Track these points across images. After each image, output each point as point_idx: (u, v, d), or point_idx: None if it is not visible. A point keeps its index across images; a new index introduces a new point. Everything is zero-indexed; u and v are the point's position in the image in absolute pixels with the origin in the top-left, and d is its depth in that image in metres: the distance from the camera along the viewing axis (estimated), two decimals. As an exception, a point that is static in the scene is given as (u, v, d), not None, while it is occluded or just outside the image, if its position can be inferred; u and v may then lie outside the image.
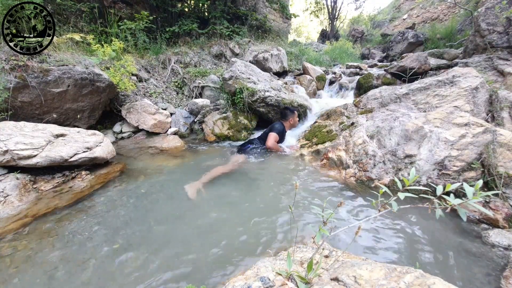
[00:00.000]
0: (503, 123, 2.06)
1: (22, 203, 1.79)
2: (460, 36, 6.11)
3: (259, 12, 6.99)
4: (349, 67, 5.74)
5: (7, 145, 1.90)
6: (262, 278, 0.84)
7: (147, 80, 4.28)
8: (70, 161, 2.13)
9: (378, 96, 2.85)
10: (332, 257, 1.05)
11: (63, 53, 2.92)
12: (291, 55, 6.22)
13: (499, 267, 1.24)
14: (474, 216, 1.64)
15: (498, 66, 3.04)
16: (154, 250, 1.37)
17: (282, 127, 2.95)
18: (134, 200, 1.89)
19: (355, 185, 2.07)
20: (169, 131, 3.56)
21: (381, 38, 9.71)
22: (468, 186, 0.62)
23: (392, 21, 11.88)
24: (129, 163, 2.60)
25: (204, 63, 5.16)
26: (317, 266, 0.82)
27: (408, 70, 3.67)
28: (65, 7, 4.29)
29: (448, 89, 2.36)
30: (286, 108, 3.17)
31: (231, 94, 3.59)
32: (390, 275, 0.72)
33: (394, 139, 2.15)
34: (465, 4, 7.21)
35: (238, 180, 2.26)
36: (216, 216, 1.70)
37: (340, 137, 2.57)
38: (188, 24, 5.41)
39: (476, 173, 1.77)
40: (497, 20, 3.26)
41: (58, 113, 2.89)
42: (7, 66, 2.44)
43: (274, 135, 2.81)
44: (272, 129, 2.90)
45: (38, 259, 1.31)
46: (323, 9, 13.35)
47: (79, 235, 1.50)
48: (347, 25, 14.50)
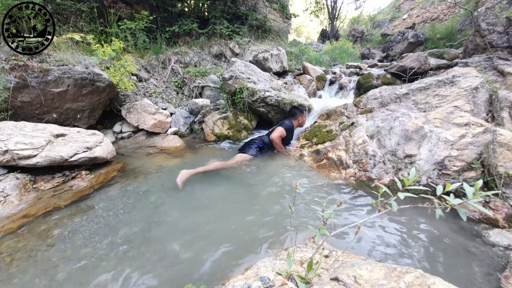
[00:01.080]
0: (503, 123, 2.06)
1: (22, 203, 1.79)
2: (460, 36, 6.12)
3: (259, 12, 6.99)
4: (349, 67, 5.73)
5: (7, 145, 1.90)
6: (262, 278, 0.84)
7: (147, 80, 4.28)
8: (70, 161, 2.13)
9: (378, 96, 2.85)
10: (332, 257, 1.05)
11: (63, 53, 2.92)
12: (291, 55, 6.21)
13: (499, 267, 1.25)
14: (474, 216, 1.64)
15: (498, 66, 3.04)
16: (154, 250, 1.37)
17: (291, 125, 2.98)
18: (134, 200, 1.89)
19: (355, 185, 2.07)
20: (169, 131, 3.56)
21: (381, 38, 9.71)
22: (468, 186, 0.62)
23: (392, 21, 11.88)
24: (129, 163, 2.60)
25: (204, 63, 5.16)
26: (317, 266, 0.82)
27: (408, 70, 3.67)
28: (65, 7, 4.29)
29: (448, 89, 2.36)
30: (295, 108, 3.18)
31: (231, 94, 3.59)
32: (390, 275, 0.72)
33: (394, 139, 2.15)
34: (465, 4, 7.21)
35: (237, 179, 2.26)
36: (216, 216, 1.70)
37: (340, 137, 2.57)
38: (188, 24, 5.41)
39: (476, 173, 1.77)
40: (497, 20, 3.26)
41: (58, 113, 2.89)
42: (7, 66, 2.43)
43: (281, 130, 2.82)
44: (281, 124, 2.92)
45: (38, 259, 1.31)
46: (323, 9, 13.35)
47: (79, 235, 1.50)
48: (347, 25, 14.51)
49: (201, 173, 2.24)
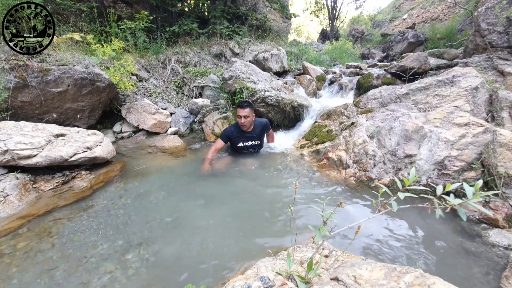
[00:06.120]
0: (503, 123, 2.06)
1: (22, 203, 1.79)
2: (460, 36, 6.11)
3: (259, 12, 6.99)
4: (349, 67, 5.73)
5: (7, 145, 1.90)
6: (262, 278, 0.84)
7: (147, 80, 4.28)
8: (70, 161, 2.13)
9: (378, 96, 2.85)
10: (332, 257, 1.05)
11: (63, 53, 2.91)
12: (291, 55, 6.21)
13: (499, 267, 1.25)
14: (474, 216, 1.64)
15: (498, 66, 3.04)
16: (154, 250, 1.37)
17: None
18: (134, 200, 1.89)
19: (355, 185, 2.07)
20: (169, 131, 3.56)
21: (381, 38, 9.70)
22: (468, 186, 0.62)
23: (392, 21, 11.88)
24: (129, 162, 2.60)
25: (204, 63, 5.16)
26: (317, 266, 0.82)
27: (408, 70, 3.67)
28: (65, 6, 4.29)
29: (448, 89, 2.36)
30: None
31: (231, 94, 3.59)
32: (390, 275, 0.72)
33: (394, 139, 2.15)
34: (465, 4, 7.20)
35: (237, 180, 2.26)
36: (216, 216, 1.70)
37: (340, 137, 2.57)
38: (188, 24, 5.41)
39: (476, 173, 1.77)
40: (497, 20, 3.26)
41: (58, 113, 2.89)
42: (7, 66, 2.43)
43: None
44: (270, 127, 2.92)
45: (38, 258, 1.31)
46: (323, 9, 13.35)
47: (79, 235, 1.50)
48: (347, 25, 14.50)
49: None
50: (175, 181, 2.21)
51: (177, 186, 2.12)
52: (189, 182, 2.12)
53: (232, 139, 2.69)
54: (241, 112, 2.53)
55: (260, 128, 2.75)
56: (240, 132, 2.66)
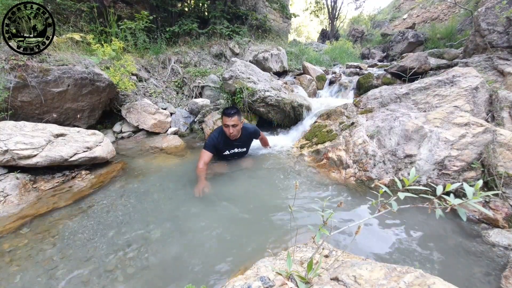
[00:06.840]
0: (503, 123, 2.06)
1: (22, 203, 1.79)
2: (460, 36, 6.11)
3: (259, 12, 6.99)
4: (349, 67, 5.73)
5: (7, 144, 1.90)
6: (262, 278, 0.84)
7: (147, 80, 4.28)
8: (70, 160, 2.13)
9: (378, 96, 2.85)
10: (332, 257, 1.05)
11: (63, 53, 2.91)
12: (291, 55, 6.21)
13: (499, 267, 1.25)
14: (474, 216, 1.64)
15: (498, 66, 3.04)
16: (154, 250, 1.37)
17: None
18: (134, 200, 1.89)
19: (355, 185, 2.07)
20: (169, 131, 3.56)
21: (381, 38, 9.71)
22: (468, 186, 0.62)
23: (392, 21, 11.89)
24: (129, 162, 2.60)
25: (204, 63, 5.16)
26: (317, 266, 0.83)
27: (408, 70, 3.67)
28: (65, 6, 4.29)
29: (448, 89, 2.36)
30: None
31: (231, 94, 3.59)
32: (390, 275, 0.72)
33: (394, 139, 2.15)
34: (465, 4, 7.20)
35: (237, 180, 2.25)
36: (216, 216, 1.70)
37: (340, 137, 2.57)
38: (188, 24, 5.41)
39: (476, 173, 1.77)
40: (497, 20, 3.26)
41: (58, 112, 2.89)
42: (7, 66, 2.43)
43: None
44: (259, 133, 2.68)
45: (39, 258, 1.31)
46: (323, 9, 13.35)
47: (79, 234, 1.50)
48: (347, 24, 14.51)
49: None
50: (175, 181, 2.21)
51: (177, 186, 2.12)
52: (189, 182, 2.12)
53: (218, 148, 2.41)
54: (228, 121, 2.21)
55: (248, 135, 2.54)
56: (226, 140, 2.39)
